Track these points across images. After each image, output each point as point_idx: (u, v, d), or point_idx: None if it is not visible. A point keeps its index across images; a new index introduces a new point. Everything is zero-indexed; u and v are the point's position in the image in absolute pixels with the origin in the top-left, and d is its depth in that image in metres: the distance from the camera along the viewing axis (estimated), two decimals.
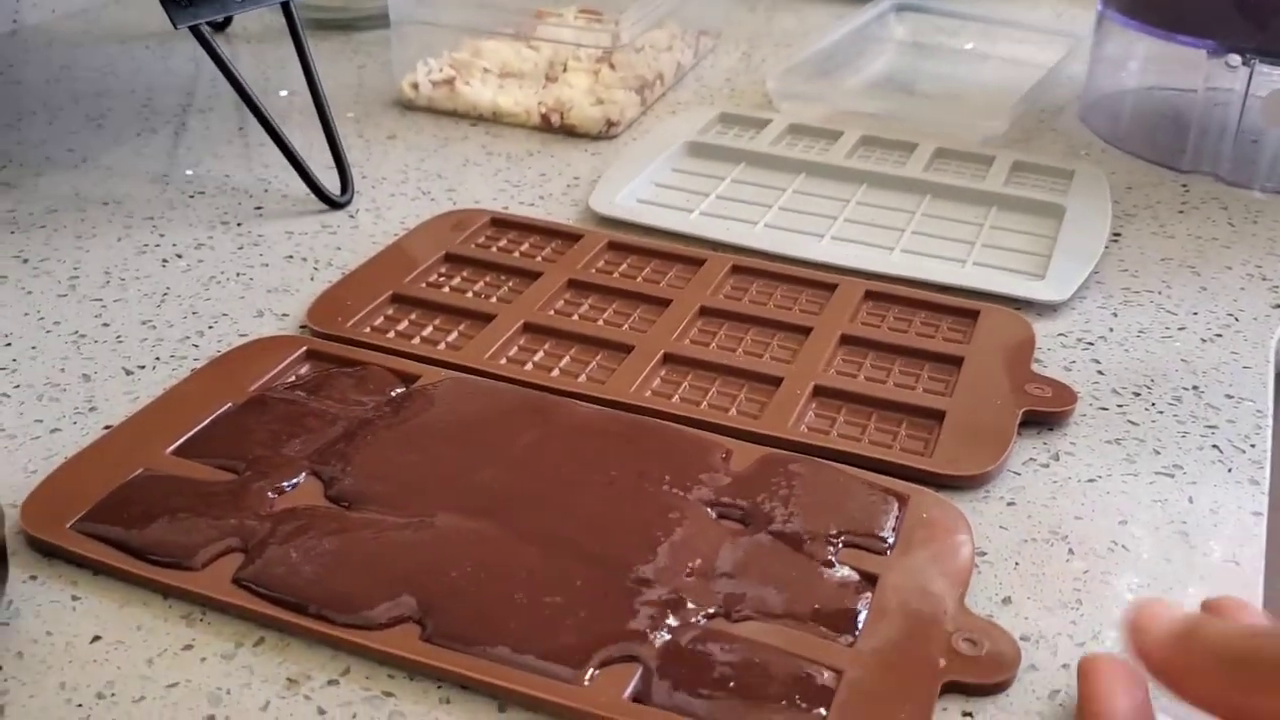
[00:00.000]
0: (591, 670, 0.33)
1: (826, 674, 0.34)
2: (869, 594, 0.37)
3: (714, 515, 0.40)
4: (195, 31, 0.56)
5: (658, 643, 0.34)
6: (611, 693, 0.33)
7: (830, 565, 0.38)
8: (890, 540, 0.39)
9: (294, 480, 0.40)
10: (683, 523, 0.39)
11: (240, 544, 0.37)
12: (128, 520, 0.38)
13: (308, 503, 0.39)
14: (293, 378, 0.46)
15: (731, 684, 0.33)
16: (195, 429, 0.42)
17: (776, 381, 0.47)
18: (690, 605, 0.36)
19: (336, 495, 0.40)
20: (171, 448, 0.41)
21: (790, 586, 0.37)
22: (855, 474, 0.42)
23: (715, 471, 0.41)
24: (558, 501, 0.40)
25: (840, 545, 0.38)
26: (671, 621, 0.35)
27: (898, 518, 0.40)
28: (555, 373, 0.47)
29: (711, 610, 0.36)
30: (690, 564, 0.37)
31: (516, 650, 0.34)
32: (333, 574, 0.36)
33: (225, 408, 0.44)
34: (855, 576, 0.37)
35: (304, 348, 0.47)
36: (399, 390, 0.45)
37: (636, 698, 0.33)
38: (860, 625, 0.35)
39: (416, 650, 0.34)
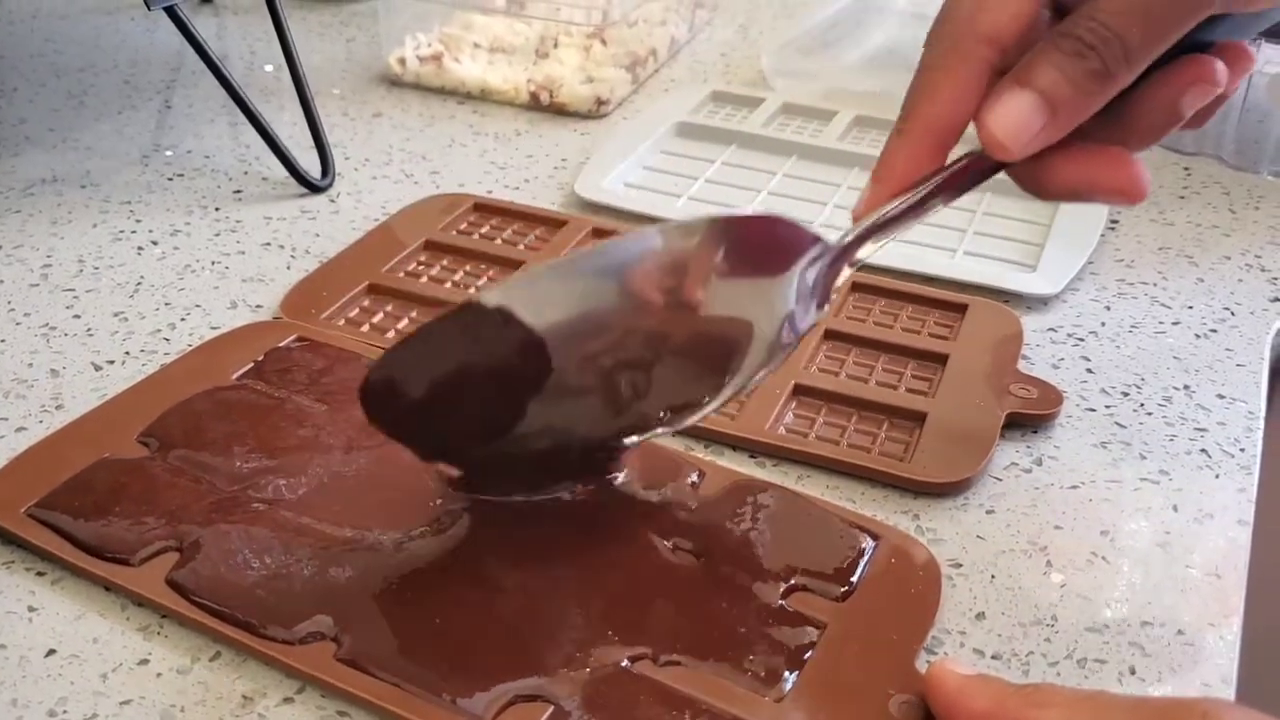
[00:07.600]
0: (499, 706, 0.32)
1: None
2: (811, 645, 0.34)
3: (669, 546, 0.38)
4: (171, 14, 0.55)
5: (574, 683, 0.33)
6: None
7: (777, 611, 0.35)
8: (848, 587, 0.36)
9: (239, 486, 0.39)
10: (630, 554, 0.37)
11: (177, 544, 0.37)
12: (79, 509, 0.38)
13: (248, 507, 0.38)
14: (276, 366, 0.45)
15: None
16: (161, 416, 0.42)
17: None
18: (616, 645, 0.34)
19: (277, 500, 0.39)
20: (138, 434, 0.41)
21: (728, 631, 0.34)
22: (830, 509, 0.39)
23: (681, 498, 0.39)
24: (507, 521, 0.38)
25: (794, 589, 0.36)
26: (593, 662, 0.33)
27: (865, 561, 0.37)
28: None
29: (637, 652, 0.34)
30: (628, 600, 0.35)
31: (426, 677, 0.33)
32: (258, 584, 0.35)
33: (199, 395, 0.43)
34: (802, 625, 0.35)
35: (295, 335, 0.47)
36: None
37: None
38: (792, 680, 0.33)
39: (323, 668, 0.33)
